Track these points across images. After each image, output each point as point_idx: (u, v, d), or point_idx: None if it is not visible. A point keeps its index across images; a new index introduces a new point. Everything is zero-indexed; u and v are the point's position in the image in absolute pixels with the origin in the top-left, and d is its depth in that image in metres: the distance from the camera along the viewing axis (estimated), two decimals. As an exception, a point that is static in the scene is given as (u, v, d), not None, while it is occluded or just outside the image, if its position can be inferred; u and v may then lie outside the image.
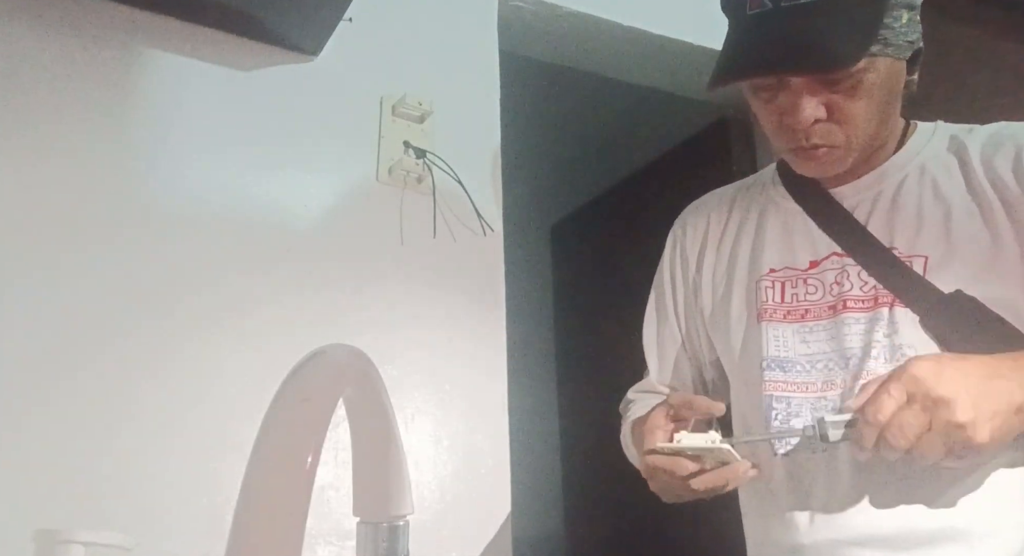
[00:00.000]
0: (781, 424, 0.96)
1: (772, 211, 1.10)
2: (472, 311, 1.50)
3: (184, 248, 1.32)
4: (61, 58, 1.32)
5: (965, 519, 0.87)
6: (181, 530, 1.18)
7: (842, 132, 0.95)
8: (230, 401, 1.25)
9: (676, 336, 1.18)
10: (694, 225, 1.19)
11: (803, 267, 1.02)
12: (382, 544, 0.60)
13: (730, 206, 1.16)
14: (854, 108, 0.93)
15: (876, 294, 0.95)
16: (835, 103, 0.93)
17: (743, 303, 1.06)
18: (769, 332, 1.01)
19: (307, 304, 1.36)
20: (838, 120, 0.94)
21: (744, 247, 1.10)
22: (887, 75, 0.94)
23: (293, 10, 1.38)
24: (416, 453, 1.38)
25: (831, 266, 1.00)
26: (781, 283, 1.03)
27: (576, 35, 1.84)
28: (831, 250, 1.01)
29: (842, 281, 0.98)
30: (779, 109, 0.96)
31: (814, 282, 1.01)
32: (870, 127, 0.96)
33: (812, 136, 0.95)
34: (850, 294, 0.97)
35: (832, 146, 0.96)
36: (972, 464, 0.86)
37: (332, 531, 1.26)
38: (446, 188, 1.52)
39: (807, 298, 1.00)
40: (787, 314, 1.01)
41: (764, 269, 1.05)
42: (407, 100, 1.51)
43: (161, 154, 1.35)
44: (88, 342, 1.22)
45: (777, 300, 1.02)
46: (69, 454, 1.16)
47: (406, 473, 0.61)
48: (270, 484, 0.43)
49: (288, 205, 1.41)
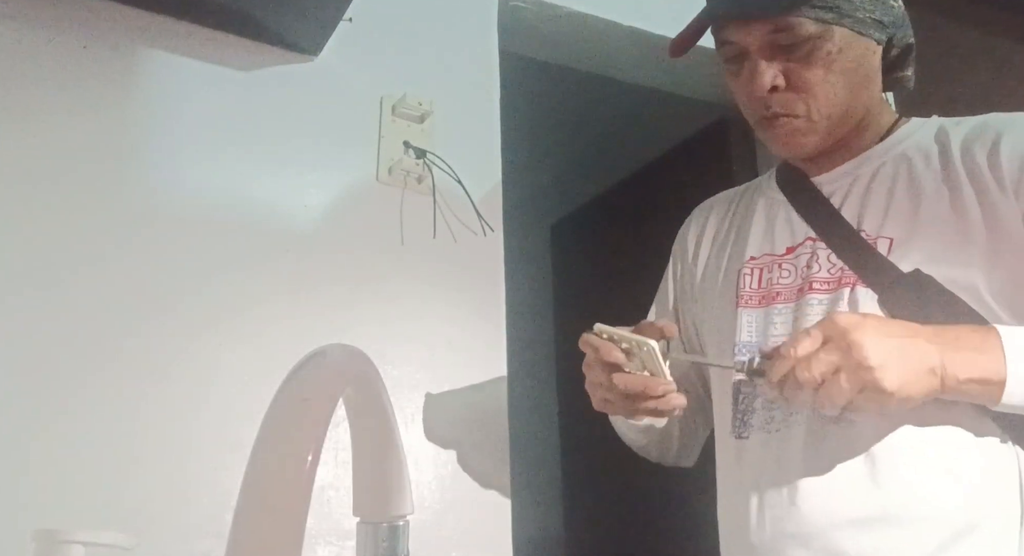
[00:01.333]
0: (746, 410, 0.99)
1: (761, 203, 1.12)
2: (472, 311, 1.50)
3: (184, 248, 1.32)
4: (61, 58, 1.31)
5: (906, 501, 0.88)
6: (181, 530, 1.18)
7: (801, 101, 0.98)
8: (230, 401, 1.25)
9: (669, 317, 1.20)
10: (697, 221, 1.22)
11: (780, 253, 1.04)
12: (382, 544, 0.60)
13: (733, 205, 1.18)
14: (811, 76, 0.97)
15: (841, 276, 0.97)
16: (792, 70, 0.97)
17: (725, 292, 1.08)
18: (743, 317, 1.03)
19: (307, 304, 1.36)
20: (796, 88, 0.97)
21: (731, 238, 1.13)
22: (848, 48, 0.97)
23: (293, 10, 1.38)
24: (416, 453, 1.38)
25: (804, 251, 1.02)
26: (760, 270, 1.05)
27: (576, 35, 1.84)
28: (807, 235, 1.03)
29: (811, 264, 1.00)
30: (744, 81, 1.00)
31: (788, 266, 1.03)
32: (835, 101, 0.98)
33: (771, 104, 0.99)
34: (817, 276, 0.98)
35: (792, 115, 0.99)
36: (874, 419, 0.87)
37: (332, 531, 1.26)
38: (446, 188, 1.52)
39: (780, 282, 1.02)
40: (761, 299, 1.03)
41: (745, 257, 1.07)
42: (407, 100, 1.51)
43: (161, 154, 1.35)
44: (88, 342, 1.22)
45: (754, 286, 1.04)
46: (69, 454, 1.16)
47: (406, 473, 0.61)
48: (270, 484, 0.43)
49: (288, 205, 1.41)
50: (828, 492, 0.91)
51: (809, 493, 0.91)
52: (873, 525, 0.88)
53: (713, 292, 1.11)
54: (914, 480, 0.88)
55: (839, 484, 0.90)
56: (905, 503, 0.88)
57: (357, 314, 1.40)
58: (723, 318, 1.07)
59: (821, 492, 0.91)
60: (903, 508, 0.88)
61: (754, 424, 0.99)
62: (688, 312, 1.18)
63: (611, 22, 1.80)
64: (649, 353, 0.88)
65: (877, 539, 0.87)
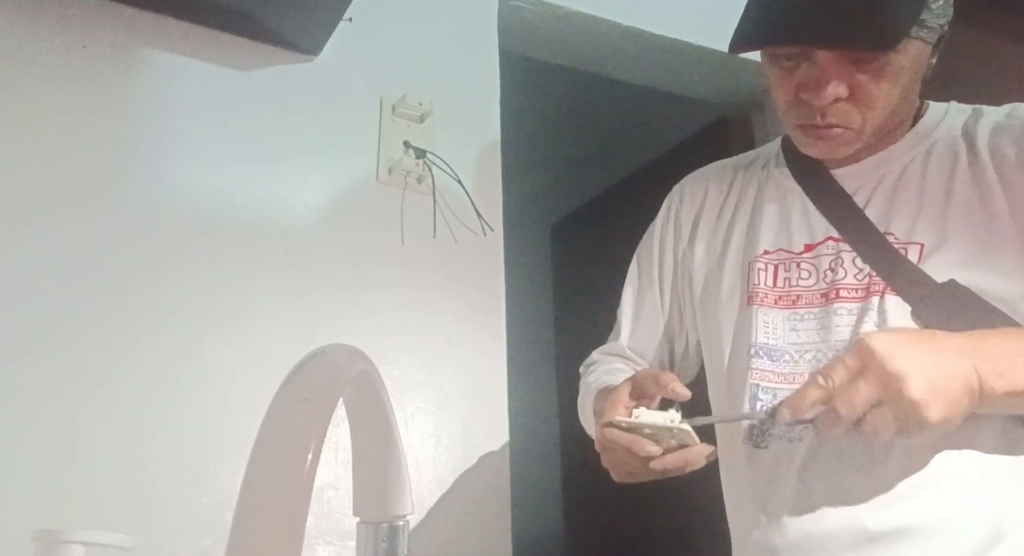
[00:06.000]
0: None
1: (771, 189, 1.06)
2: (472, 311, 1.50)
3: (184, 248, 1.32)
4: (61, 58, 1.31)
5: (934, 512, 0.85)
6: (181, 530, 1.18)
7: (859, 114, 0.91)
8: (230, 401, 1.25)
9: (656, 303, 1.16)
10: (692, 194, 1.15)
11: (798, 250, 0.99)
12: (382, 544, 0.60)
13: (731, 180, 1.12)
14: (878, 91, 0.90)
15: (869, 283, 0.92)
16: (859, 84, 0.89)
17: (734, 284, 1.03)
18: (759, 317, 0.98)
19: (307, 304, 1.36)
20: (858, 101, 0.91)
21: (740, 225, 1.07)
22: (915, 59, 0.90)
23: (293, 10, 1.38)
24: (416, 453, 1.38)
25: (827, 251, 0.97)
26: (774, 266, 1.00)
27: (576, 35, 1.84)
28: (828, 234, 0.98)
29: (836, 268, 0.95)
30: (798, 81, 0.92)
31: (808, 267, 0.98)
32: (889, 109, 0.93)
33: (828, 115, 0.92)
34: (843, 282, 0.94)
35: (847, 127, 0.93)
36: (919, 443, 0.83)
37: (332, 531, 1.26)
38: (446, 188, 1.52)
39: (799, 283, 0.97)
40: (779, 299, 0.98)
41: (758, 250, 1.02)
42: (407, 100, 1.51)
43: (161, 154, 1.35)
44: (87, 342, 1.22)
45: (769, 284, 0.99)
46: (69, 454, 1.16)
47: (406, 473, 0.61)
48: (270, 484, 0.43)
49: (288, 205, 1.41)
50: (853, 503, 0.87)
51: (835, 504, 0.88)
52: (901, 536, 0.85)
53: (718, 282, 1.05)
54: (942, 490, 0.86)
55: (864, 494, 0.87)
56: (934, 513, 0.85)
57: (357, 314, 1.40)
58: (734, 314, 1.02)
59: (847, 503, 0.88)
60: (932, 518, 0.85)
61: (774, 433, 0.95)
62: (680, 294, 1.14)
63: (611, 22, 1.80)
64: (680, 434, 0.87)
65: (904, 550, 0.85)
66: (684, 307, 1.13)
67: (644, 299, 1.17)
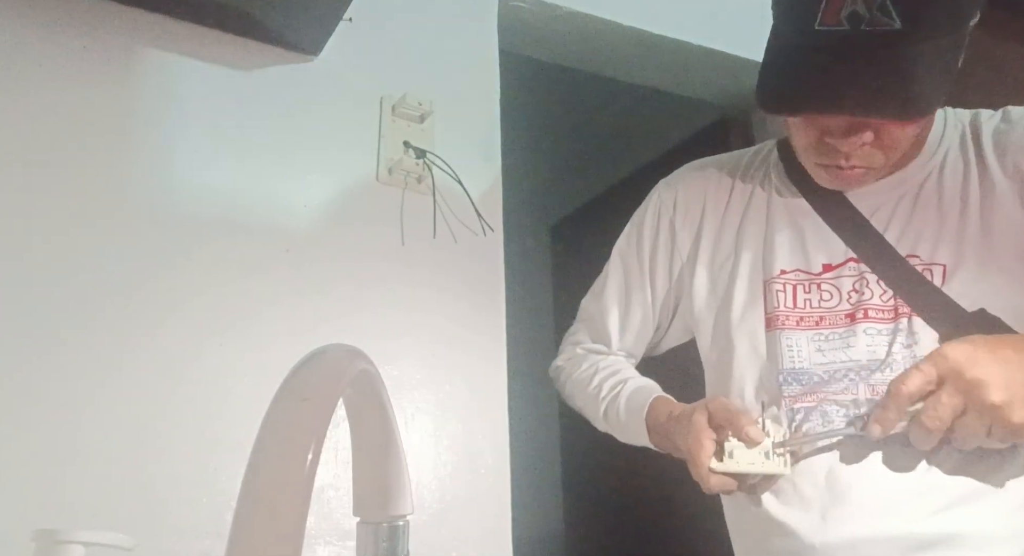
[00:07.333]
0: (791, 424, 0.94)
1: (779, 205, 1.05)
2: (472, 311, 1.50)
3: (183, 248, 1.32)
4: (61, 58, 1.31)
5: (973, 519, 0.84)
6: (181, 530, 1.18)
7: (883, 155, 0.91)
8: (230, 401, 1.25)
9: (648, 312, 1.16)
10: (685, 203, 1.13)
11: (816, 271, 0.98)
12: (382, 544, 0.60)
13: (729, 189, 1.10)
14: (904, 135, 0.90)
15: (896, 305, 0.92)
16: (886, 130, 0.89)
17: (749, 302, 1.02)
18: (783, 342, 0.96)
19: (307, 304, 1.36)
20: (883, 146, 0.90)
21: (750, 243, 1.04)
22: None
23: (293, 10, 1.38)
24: (416, 453, 1.38)
25: (848, 273, 0.96)
26: (793, 286, 0.98)
27: (576, 35, 1.84)
28: (847, 255, 0.97)
29: (861, 289, 0.94)
30: (823, 127, 0.90)
31: (829, 288, 0.97)
32: (908, 147, 0.93)
33: (853, 157, 0.91)
34: (871, 303, 0.93)
35: (869, 167, 0.92)
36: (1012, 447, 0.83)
37: (332, 531, 1.26)
38: (446, 188, 1.52)
39: (821, 305, 0.96)
40: (800, 320, 0.97)
41: (774, 270, 1.00)
42: (407, 100, 1.51)
43: (161, 154, 1.35)
44: (87, 342, 1.22)
45: (789, 305, 0.98)
46: (69, 454, 1.16)
47: (406, 473, 0.61)
48: (270, 484, 0.43)
49: (288, 205, 1.41)
50: (888, 508, 0.86)
51: (870, 511, 0.87)
52: (936, 546, 0.84)
53: (728, 302, 1.03)
54: (991, 499, 0.85)
55: (898, 499, 0.86)
56: (982, 522, 0.84)
57: (357, 313, 1.40)
58: (749, 333, 1.00)
59: (881, 509, 0.87)
60: (980, 527, 0.84)
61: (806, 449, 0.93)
62: (671, 310, 1.14)
63: (611, 22, 1.80)
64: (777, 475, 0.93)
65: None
66: (675, 317, 1.14)
67: (633, 305, 1.17)
